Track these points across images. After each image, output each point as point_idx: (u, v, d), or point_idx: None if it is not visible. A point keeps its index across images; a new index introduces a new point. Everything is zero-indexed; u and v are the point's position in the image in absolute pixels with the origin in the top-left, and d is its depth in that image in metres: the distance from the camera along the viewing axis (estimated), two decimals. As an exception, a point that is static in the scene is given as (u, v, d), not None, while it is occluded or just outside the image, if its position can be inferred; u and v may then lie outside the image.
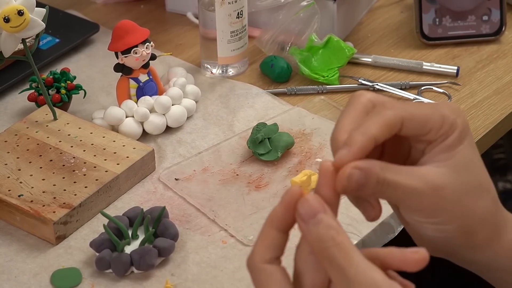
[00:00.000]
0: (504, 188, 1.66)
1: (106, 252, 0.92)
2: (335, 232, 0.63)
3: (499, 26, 1.28)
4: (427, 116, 0.68)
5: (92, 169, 1.01)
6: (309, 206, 0.64)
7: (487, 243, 0.71)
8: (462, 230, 0.69)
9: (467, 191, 0.69)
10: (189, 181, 1.04)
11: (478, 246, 0.71)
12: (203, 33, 1.21)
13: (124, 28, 1.09)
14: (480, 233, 0.70)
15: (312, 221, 0.63)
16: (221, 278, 0.92)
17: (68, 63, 1.25)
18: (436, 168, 0.68)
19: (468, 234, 0.70)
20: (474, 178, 0.69)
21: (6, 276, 0.92)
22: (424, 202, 0.67)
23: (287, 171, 1.05)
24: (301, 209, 0.64)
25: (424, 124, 0.68)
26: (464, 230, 0.70)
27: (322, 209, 0.64)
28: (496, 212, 0.71)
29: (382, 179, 0.66)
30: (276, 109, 1.16)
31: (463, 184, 0.68)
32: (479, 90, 1.20)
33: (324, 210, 0.63)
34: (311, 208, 0.64)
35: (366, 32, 1.32)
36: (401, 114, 0.67)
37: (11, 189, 0.98)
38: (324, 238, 0.63)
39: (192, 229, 0.98)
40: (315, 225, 0.63)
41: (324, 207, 0.64)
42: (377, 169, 0.66)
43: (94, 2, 1.39)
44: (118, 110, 1.10)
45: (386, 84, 1.19)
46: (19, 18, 0.99)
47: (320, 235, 0.63)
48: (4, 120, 1.15)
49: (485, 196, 0.70)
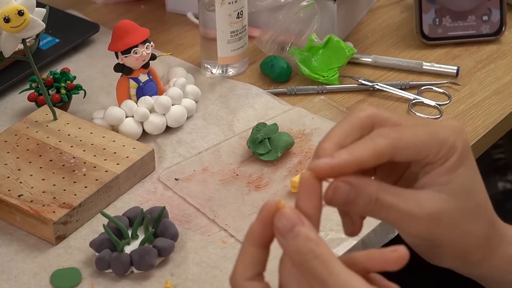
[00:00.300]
0: (504, 188, 1.66)
1: (106, 252, 0.92)
2: (314, 244, 0.62)
3: (499, 26, 1.28)
4: (423, 143, 0.66)
5: (92, 169, 1.01)
6: (286, 220, 0.63)
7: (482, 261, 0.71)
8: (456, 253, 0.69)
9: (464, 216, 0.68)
10: (189, 181, 1.04)
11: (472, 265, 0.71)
12: (203, 33, 1.21)
13: (124, 28, 1.09)
14: (475, 254, 0.70)
15: (290, 234, 0.63)
16: (221, 278, 0.92)
17: (68, 63, 1.25)
18: (435, 193, 0.67)
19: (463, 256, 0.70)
20: (472, 202, 0.68)
21: (6, 276, 0.92)
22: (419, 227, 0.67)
23: (287, 171, 1.05)
24: (278, 223, 0.64)
25: (419, 151, 0.66)
26: (458, 253, 0.69)
27: (300, 221, 0.63)
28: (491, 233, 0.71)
29: (375, 199, 0.65)
30: (276, 109, 1.16)
31: (461, 210, 0.68)
32: (479, 90, 1.20)
33: (302, 223, 0.63)
34: (288, 221, 0.63)
35: (366, 32, 1.32)
36: (393, 144, 0.66)
37: (11, 189, 0.98)
38: (303, 251, 0.62)
39: (192, 229, 0.98)
40: (294, 239, 0.63)
41: (301, 219, 0.63)
42: (372, 189, 0.65)
43: (94, 2, 1.39)
44: (118, 110, 1.10)
45: (386, 84, 1.19)
46: (19, 18, 0.99)
47: (299, 248, 0.62)
48: (4, 120, 1.15)
49: (482, 219, 0.69)
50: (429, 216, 0.66)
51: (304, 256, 0.62)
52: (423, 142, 0.66)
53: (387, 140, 0.65)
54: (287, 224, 0.63)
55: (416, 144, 0.66)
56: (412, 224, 0.66)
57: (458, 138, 0.67)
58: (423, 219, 0.66)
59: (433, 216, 0.66)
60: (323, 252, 0.62)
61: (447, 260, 0.70)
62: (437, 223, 0.67)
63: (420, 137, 0.66)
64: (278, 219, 0.64)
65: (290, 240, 0.63)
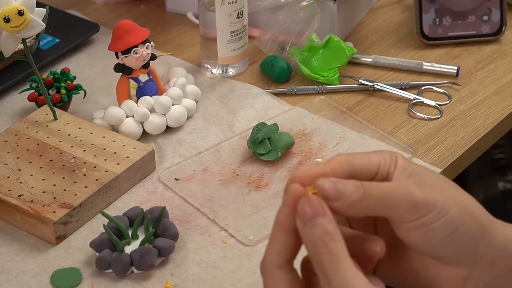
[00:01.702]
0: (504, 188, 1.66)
1: (106, 252, 0.92)
2: (329, 238, 0.62)
3: (499, 26, 1.28)
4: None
5: (92, 169, 1.01)
6: (310, 207, 0.63)
7: (491, 223, 0.69)
8: (464, 213, 0.67)
9: (444, 185, 0.68)
10: (189, 181, 1.04)
11: (486, 227, 0.69)
12: (203, 33, 1.21)
13: (124, 28, 1.09)
14: (481, 214, 0.69)
15: (309, 223, 0.63)
16: (221, 278, 0.92)
17: (68, 63, 1.25)
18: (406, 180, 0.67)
19: (472, 215, 0.68)
20: (441, 179, 0.69)
21: (6, 276, 0.92)
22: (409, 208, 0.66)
23: (287, 171, 1.05)
24: (301, 208, 0.64)
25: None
26: (466, 212, 0.67)
27: (322, 212, 0.63)
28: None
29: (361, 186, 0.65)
30: (276, 109, 1.16)
31: (437, 181, 0.67)
32: (479, 90, 1.20)
33: (324, 214, 0.63)
34: (312, 210, 0.63)
35: (366, 32, 1.32)
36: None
37: (11, 189, 0.98)
38: (317, 242, 0.63)
39: (192, 229, 0.98)
40: (312, 228, 0.63)
41: (324, 210, 0.63)
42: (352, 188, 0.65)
43: (94, 2, 1.39)
44: (118, 110, 1.10)
45: (386, 84, 1.19)
46: (19, 18, 0.99)
47: (314, 238, 0.63)
48: (4, 120, 1.15)
49: (463, 191, 0.69)
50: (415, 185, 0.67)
51: (317, 248, 0.63)
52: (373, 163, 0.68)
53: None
54: (310, 212, 0.63)
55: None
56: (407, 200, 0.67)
57: (394, 158, 0.69)
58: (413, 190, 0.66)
59: (417, 185, 0.67)
60: (335, 248, 0.62)
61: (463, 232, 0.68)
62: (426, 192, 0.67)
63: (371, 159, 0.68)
64: (302, 205, 0.64)
65: (308, 228, 0.63)
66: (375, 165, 0.67)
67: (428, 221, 0.66)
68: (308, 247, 0.63)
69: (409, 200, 0.65)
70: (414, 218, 0.66)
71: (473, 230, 0.67)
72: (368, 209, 0.65)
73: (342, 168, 0.66)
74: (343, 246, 0.63)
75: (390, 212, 0.66)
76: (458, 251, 0.68)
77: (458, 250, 0.68)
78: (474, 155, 1.12)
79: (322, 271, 0.62)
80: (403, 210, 0.65)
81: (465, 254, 0.68)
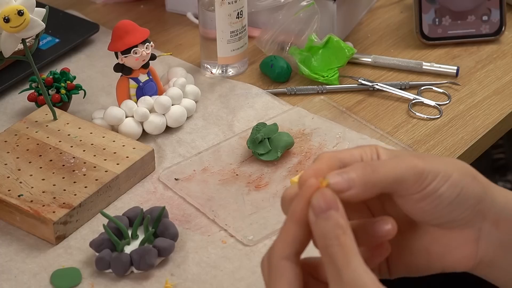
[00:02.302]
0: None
1: (106, 252, 0.92)
2: (341, 232, 0.63)
3: (499, 26, 1.28)
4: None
5: (92, 169, 1.01)
6: (323, 200, 0.64)
7: (489, 184, 0.71)
8: (464, 175, 0.69)
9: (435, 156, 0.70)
10: (189, 181, 1.04)
11: (486, 187, 0.70)
12: (203, 33, 1.21)
13: (124, 28, 1.09)
14: (479, 175, 0.70)
15: (322, 215, 0.63)
16: (221, 278, 0.92)
17: (68, 63, 1.25)
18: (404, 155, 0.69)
19: (471, 176, 0.69)
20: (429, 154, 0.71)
21: (6, 276, 0.92)
22: (419, 171, 0.67)
23: (287, 171, 1.05)
24: (315, 201, 0.64)
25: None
26: (466, 174, 0.69)
27: (335, 205, 0.64)
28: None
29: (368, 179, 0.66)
30: (276, 109, 1.16)
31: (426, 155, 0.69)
32: (479, 90, 1.20)
33: (337, 207, 0.64)
34: (325, 203, 0.64)
35: (366, 32, 1.32)
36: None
37: (11, 189, 0.98)
38: (329, 235, 0.63)
39: (192, 229, 0.98)
40: (324, 220, 0.63)
41: (337, 204, 0.64)
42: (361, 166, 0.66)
43: (94, 2, 1.39)
44: (118, 110, 1.10)
45: (386, 84, 1.19)
46: (19, 18, 0.99)
47: (326, 231, 0.63)
48: (4, 120, 1.15)
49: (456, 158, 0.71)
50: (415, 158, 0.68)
51: (328, 240, 0.63)
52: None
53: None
54: (323, 204, 0.64)
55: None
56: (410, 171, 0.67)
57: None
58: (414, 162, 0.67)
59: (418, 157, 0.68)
60: (347, 242, 0.63)
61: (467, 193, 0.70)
62: (427, 161, 0.68)
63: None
64: (316, 197, 0.64)
65: (320, 221, 0.63)
66: (357, 157, 0.68)
67: (435, 187, 0.67)
68: (319, 239, 0.64)
69: (415, 171, 0.67)
70: (422, 188, 0.67)
71: (476, 189, 0.69)
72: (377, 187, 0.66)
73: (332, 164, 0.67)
74: (353, 242, 0.63)
75: (398, 185, 0.67)
76: (465, 211, 0.69)
77: (465, 211, 0.69)
78: (473, 155, 1.12)
79: (332, 264, 0.63)
80: (411, 182, 0.67)
81: (472, 213, 0.69)
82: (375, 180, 0.66)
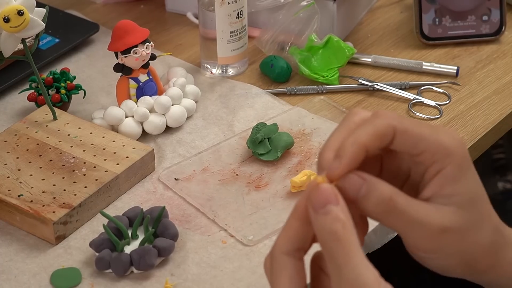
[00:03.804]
0: (504, 188, 1.66)
1: (106, 252, 0.92)
2: (341, 226, 0.62)
3: (499, 26, 1.28)
4: (421, 134, 0.66)
5: (92, 169, 1.01)
6: (321, 195, 0.63)
7: (489, 269, 0.71)
8: (464, 262, 0.69)
9: (471, 227, 0.68)
10: (189, 181, 1.04)
11: (480, 272, 0.70)
12: (203, 33, 1.21)
13: (124, 28, 1.09)
14: (482, 262, 0.70)
15: (321, 210, 0.63)
16: (221, 278, 0.92)
17: (68, 63, 1.25)
18: (443, 206, 0.67)
19: (470, 264, 0.69)
20: (478, 212, 0.68)
21: (6, 276, 0.92)
22: (428, 239, 0.66)
23: (286, 171, 1.05)
24: (313, 196, 0.63)
25: (417, 142, 0.66)
26: (466, 262, 0.69)
27: (335, 200, 0.63)
28: (498, 240, 0.70)
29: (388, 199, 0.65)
30: (276, 109, 1.16)
31: (468, 222, 0.67)
32: (479, 90, 1.20)
33: (336, 202, 0.63)
34: (323, 198, 0.63)
35: (366, 32, 1.32)
36: (393, 124, 0.66)
37: (11, 189, 0.98)
38: (328, 230, 0.62)
39: (192, 229, 0.98)
40: (323, 215, 0.62)
41: (336, 199, 0.63)
42: (385, 188, 0.65)
43: (94, 2, 1.39)
44: (118, 110, 1.10)
45: (386, 84, 1.19)
46: (19, 18, 0.99)
47: (326, 226, 0.62)
48: (4, 120, 1.15)
49: (487, 228, 0.69)
50: (438, 229, 0.66)
51: (328, 235, 0.62)
52: (421, 134, 0.66)
53: (388, 120, 0.66)
54: (321, 200, 0.63)
55: (415, 132, 0.66)
56: (420, 235, 0.66)
57: (458, 147, 0.67)
58: (432, 230, 0.66)
59: (442, 228, 0.66)
60: (347, 237, 0.62)
61: (454, 270, 0.70)
62: (446, 236, 0.66)
63: (420, 128, 0.66)
64: (313, 193, 0.63)
65: (319, 216, 0.63)
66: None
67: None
68: (319, 235, 0.63)
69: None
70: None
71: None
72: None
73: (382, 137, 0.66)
74: (354, 236, 0.62)
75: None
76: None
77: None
78: (473, 155, 1.12)
79: (332, 261, 0.62)
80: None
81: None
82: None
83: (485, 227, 0.69)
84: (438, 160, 0.66)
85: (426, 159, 0.67)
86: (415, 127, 0.66)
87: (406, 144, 0.66)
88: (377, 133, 0.65)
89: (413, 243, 0.68)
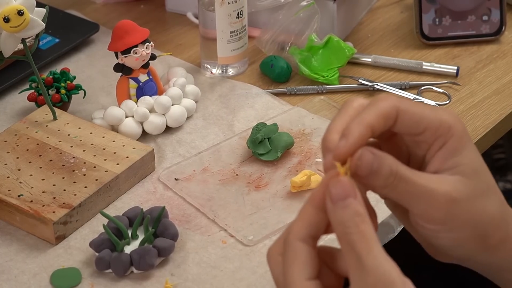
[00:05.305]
0: (504, 188, 1.66)
1: (106, 252, 0.92)
2: (360, 219, 0.63)
3: (499, 26, 1.28)
4: (423, 113, 0.68)
5: (91, 169, 1.01)
6: (341, 188, 0.63)
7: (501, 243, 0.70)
8: (475, 235, 0.69)
9: (478, 196, 0.68)
10: (189, 181, 1.04)
11: (492, 248, 0.70)
12: (203, 33, 1.21)
13: (124, 28, 1.09)
14: (494, 234, 0.70)
15: (340, 203, 0.63)
16: (221, 278, 0.92)
17: (68, 63, 1.25)
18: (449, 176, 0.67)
19: (482, 237, 0.69)
20: (483, 182, 0.69)
21: (6, 276, 0.92)
22: (437, 206, 0.67)
23: (287, 171, 1.05)
24: (333, 189, 0.64)
25: (419, 121, 0.67)
26: (477, 235, 0.69)
27: (353, 193, 0.63)
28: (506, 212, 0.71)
29: (395, 171, 0.65)
30: (276, 109, 1.16)
31: (475, 190, 0.68)
32: (479, 90, 1.20)
33: (355, 195, 0.63)
34: (343, 191, 0.63)
35: (366, 32, 1.32)
36: (396, 105, 0.67)
37: (11, 189, 0.98)
38: (348, 223, 0.62)
39: (192, 229, 0.98)
40: (343, 209, 0.63)
41: (355, 192, 0.63)
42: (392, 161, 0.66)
43: (94, 2, 1.39)
44: (118, 110, 1.10)
45: (386, 84, 1.19)
46: (19, 18, 0.99)
47: (345, 219, 0.63)
48: (4, 120, 1.15)
49: (494, 198, 0.70)
50: (446, 194, 0.67)
51: (348, 228, 0.62)
52: (423, 112, 0.68)
53: (391, 101, 0.67)
54: (341, 192, 0.63)
55: (416, 112, 0.67)
56: (430, 203, 0.67)
57: (457, 122, 0.69)
58: (440, 197, 0.66)
59: (450, 195, 0.67)
60: (367, 229, 0.62)
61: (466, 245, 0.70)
62: (453, 205, 0.67)
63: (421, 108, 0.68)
64: (333, 185, 0.64)
65: (338, 209, 0.63)
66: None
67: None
68: (337, 227, 0.63)
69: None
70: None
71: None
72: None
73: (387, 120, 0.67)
74: (373, 229, 0.63)
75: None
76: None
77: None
78: (474, 155, 1.12)
79: (352, 251, 0.62)
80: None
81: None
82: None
83: (492, 196, 0.69)
84: (441, 135, 0.68)
85: (428, 137, 0.68)
86: (416, 107, 0.68)
87: (409, 123, 0.68)
88: (382, 114, 0.66)
89: (421, 214, 0.68)
